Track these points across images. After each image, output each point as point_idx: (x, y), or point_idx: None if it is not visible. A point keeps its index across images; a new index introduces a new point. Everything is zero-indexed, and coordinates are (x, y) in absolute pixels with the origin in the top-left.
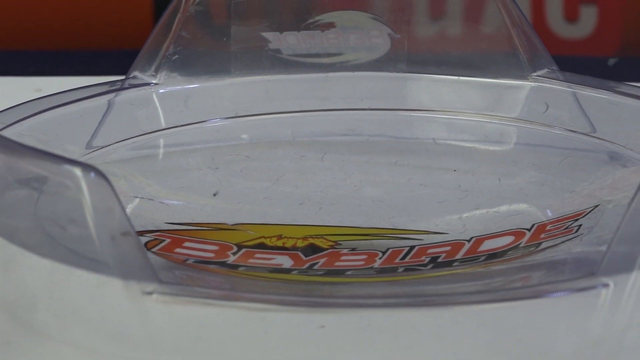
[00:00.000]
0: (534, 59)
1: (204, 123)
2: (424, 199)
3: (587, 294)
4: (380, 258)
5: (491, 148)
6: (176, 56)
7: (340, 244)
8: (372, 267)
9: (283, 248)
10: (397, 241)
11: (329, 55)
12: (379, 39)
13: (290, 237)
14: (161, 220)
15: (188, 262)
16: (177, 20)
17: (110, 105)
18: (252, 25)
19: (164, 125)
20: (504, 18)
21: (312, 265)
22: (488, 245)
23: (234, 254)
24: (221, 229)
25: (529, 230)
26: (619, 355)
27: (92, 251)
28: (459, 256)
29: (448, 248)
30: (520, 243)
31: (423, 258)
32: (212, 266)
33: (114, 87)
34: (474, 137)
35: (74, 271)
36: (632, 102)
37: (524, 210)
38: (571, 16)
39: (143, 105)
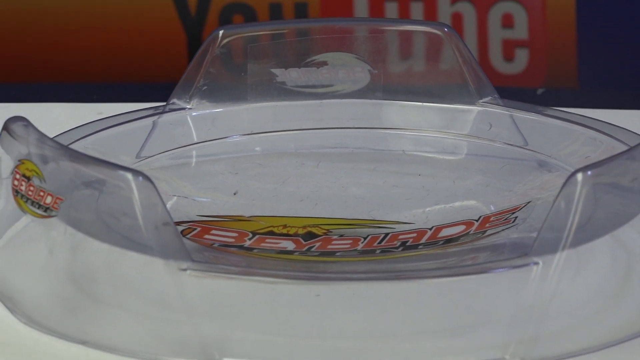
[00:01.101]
0: (480, 89)
1: (226, 139)
2: (395, 197)
3: (521, 270)
4: (362, 242)
5: (447, 158)
6: (205, 87)
7: (331, 232)
8: (356, 250)
9: (287, 235)
10: (375, 229)
11: (323, 86)
12: (361, 74)
13: (292, 226)
14: (193, 214)
15: (214, 245)
16: (206, 59)
17: (154, 124)
18: (263, 64)
19: (195, 140)
20: (457, 57)
21: (309, 248)
22: (445, 232)
23: (250, 239)
24: (239, 220)
25: (477, 220)
26: (546, 317)
27: (140, 237)
28: (423, 241)
29: (414, 234)
30: (470, 231)
31: (395, 242)
32: (232, 249)
33: (157, 111)
34: (434, 149)
35: (126, 253)
36: (556, 122)
37: (473, 206)
38: (508, 56)
39: (180, 125)
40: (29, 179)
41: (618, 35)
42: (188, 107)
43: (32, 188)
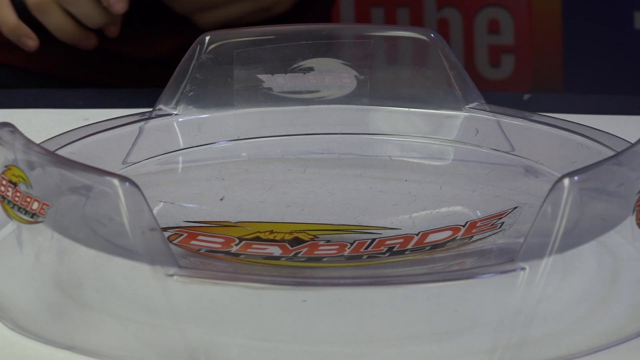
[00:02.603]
0: (467, 95)
1: (213, 144)
2: (382, 202)
3: (508, 276)
4: (349, 248)
5: (434, 163)
6: (191, 93)
7: (318, 237)
8: (342, 255)
9: (274, 240)
10: (361, 235)
11: (309, 92)
12: (348, 80)
13: (279, 232)
14: (180, 219)
15: (201, 251)
16: (192, 65)
17: (141, 130)
18: (250, 70)
19: (182, 146)
20: (444, 63)
21: (296, 254)
22: (432, 237)
23: (236, 245)
24: (226, 225)
25: (463, 226)
26: (533, 322)
27: (127, 243)
28: (409, 246)
29: (401, 240)
30: (457, 236)
31: (382, 248)
32: (219, 254)
33: (144, 117)
34: (421, 154)
35: (113, 259)
36: (542, 127)
37: (460, 211)
38: (494, 62)
39: (166, 130)
40: (15, 184)
41: (603, 41)
42: (174, 113)
43: (18, 194)
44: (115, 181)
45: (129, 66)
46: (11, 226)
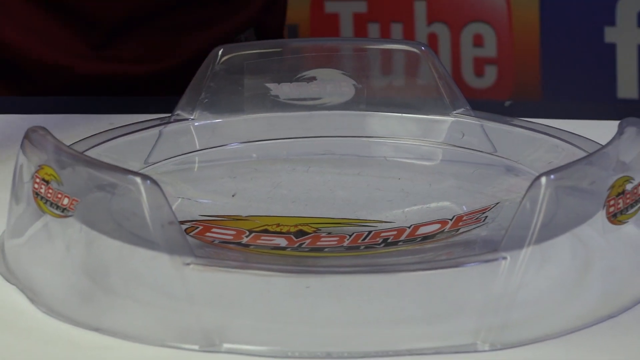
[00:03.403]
0: (454, 102)
1: (226, 146)
2: (378, 198)
3: (491, 264)
4: (348, 239)
5: (424, 163)
6: (206, 100)
7: (320, 230)
8: (342, 246)
9: (280, 232)
10: (359, 227)
11: (312, 99)
12: (347, 88)
13: (285, 225)
14: (196, 214)
15: (215, 242)
16: (207, 75)
17: (160, 134)
18: (259, 79)
19: (198, 148)
20: (433, 73)
21: (300, 245)
22: (423, 230)
23: (247, 236)
24: (237, 219)
25: (451, 220)
26: (514, 306)
27: (148, 235)
28: (402, 238)
29: (395, 232)
30: (445, 229)
31: (378, 239)
32: (231, 245)
33: (163, 121)
34: (412, 155)
35: (136, 249)
36: (522, 131)
37: (447, 206)
38: (479, 72)
39: (184, 134)
40: (47, 182)
41: (577, 53)
42: (191, 117)
43: (50, 191)
44: (138, 179)
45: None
46: (44, 220)
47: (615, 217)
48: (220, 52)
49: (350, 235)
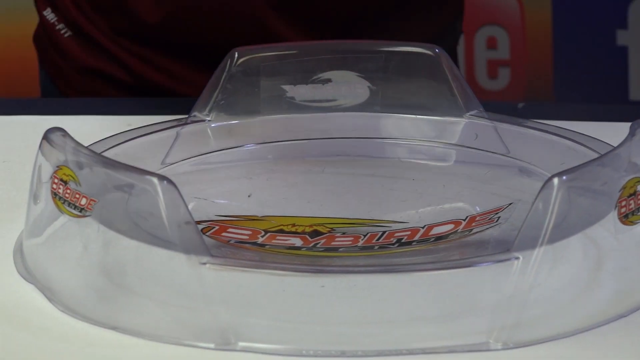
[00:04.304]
0: (467, 103)
1: (242, 147)
2: (392, 198)
3: (504, 264)
4: (362, 239)
5: (438, 164)
6: (223, 101)
7: (334, 230)
8: (356, 246)
9: (296, 232)
10: (373, 228)
11: (328, 101)
12: (362, 90)
13: (300, 225)
14: (212, 214)
15: (230, 242)
16: (223, 77)
17: (178, 135)
18: (275, 81)
19: (214, 149)
20: (447, 75)
21: (315, 244)
22: (436, 230)
23: (262, 236)
24: (253, 219)
25: (464, 220)
26: (526, 305)
27: (165, 235)
28: (416, 238)
29: (409, 232)
30: (458, 229)
31: (392, 239)
32: (247, 245)
33: (180, 123)
34: (426, 156)
35: (152, 249)
36: (534, 133)
37: (461, 207)
38: (492, 74)
39: (200, 135)
40: (66, 183)
41: (589, 55)
42: (207, 119)
43: (68, 191)
44: (155, 180)
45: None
46: (62, 220)
47: (627, 218)
48: (237, 54)
49: (364, 236)
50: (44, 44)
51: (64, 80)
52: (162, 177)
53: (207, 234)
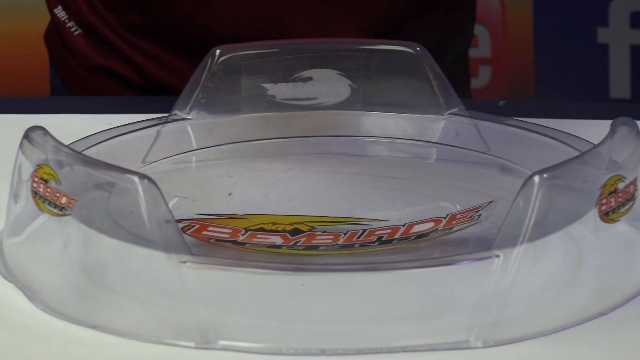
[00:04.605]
0: (448, 101)
1: (222, 145)
2: (373, 197)
3: (484, 262)
4: (342, 237)
5: (419, 162)
6: (203, 100)
7: (315, 228)
8: (337, 244)
9: (276, 231)
10: (354, 226)
11: (308, 99)
12: (343, 88)
13: (281, 223)
14: (193, 212)
15: (211, 240)
16: (204, 75)
17: (158, 133)
18: (256, 79)
19: (195, 147)
20: (428, 73)
21: (296, 243)
22: (416, 228)
23: (243, 235)
24: (234, 217)
25: (444, 218)
26: (506, 303)
27: (145, 233)
28: (396, 236)
29: (389, 230)
30: (439, 227)
31: (372, 237)
32: (227, 243)
33: (161, 121)
34: (407, 154)
35: (133, 247)
36: (515, 131)
37: (441, 205)
38: (473, 72)
39: (181, 133)
40: (46, 181)
41: (570, 53)
42: (188, 117)
43: (49, 190)
44: (135, 178)
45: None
46: (42, 219)
47: (607, 216)
48: (217, 52)
49: (345, 234)
50: (55, 42)
51: (73, 79)
52: (142, 176)
53: (188, 232)
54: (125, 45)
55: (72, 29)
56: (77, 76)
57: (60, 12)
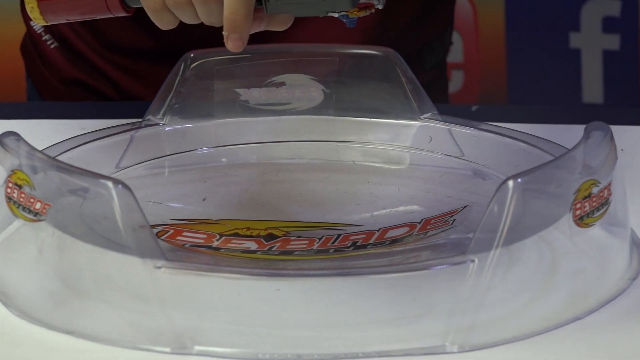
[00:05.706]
0: (421, 106)
1: (196, 151)
2: (347, 202)
3: (459, 267)
4: (317, 243)
5: (393, 167)
6: (177, 105)
7: (290, 233)
8: (312, 249)
9: (251, 236)
10: (328, 231)
11: (281, 104)
12: (316, 93)
13: (255, 229)
14: (167, 217)
15: (185, 246)
16: (177, 80)
17: (132, 138)
18: (228, 84)
19: (168, 153)
20: (401, 78)
21: (270, 248)
22: (391, 233)
23: (217, 240)
24: (208, 223)
25: (419, 223)
26: (482, 308)
27: (120, 239)
28: (371, 241)
29: (364, 235)
30: (413, 232)
31: (347, 242)
32: (202, 249)
33: (134, 127)
34: (381, 159)
35: (107, 253)
36: (488, 135)
37: (416, 210)
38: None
39: (154, 138)
40: (20, 187)
41: (543, 58)
42: (161, 122)
43: (23, 195)
44: (109, 184)
45: None
46: (16, 224)
47: (582, 220)
48: (190, 57)
49: (319, 239)
50: (31, 54)
51: (49, 91)
52: (116, 181)
53: (162, 237)
54: (102, 61)
55: (49, 42)
56: (53, 88)
57: (36, 25)
